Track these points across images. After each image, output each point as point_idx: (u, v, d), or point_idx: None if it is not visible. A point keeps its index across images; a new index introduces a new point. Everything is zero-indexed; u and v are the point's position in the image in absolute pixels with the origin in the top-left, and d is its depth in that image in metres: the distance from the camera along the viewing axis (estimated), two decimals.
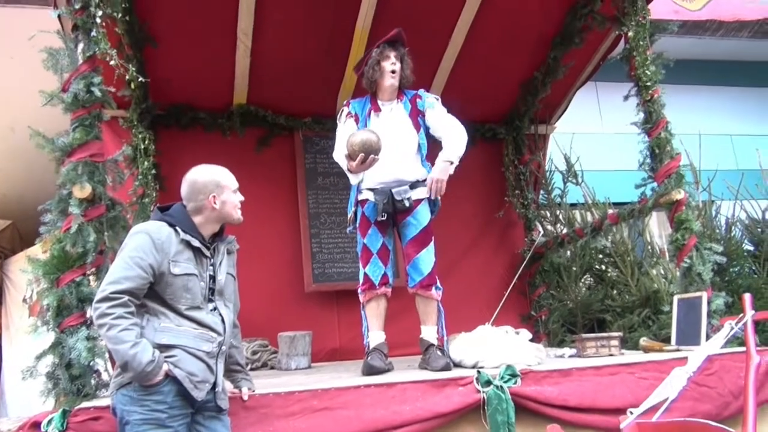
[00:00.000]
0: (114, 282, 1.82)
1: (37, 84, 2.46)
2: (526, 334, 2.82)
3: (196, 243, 2.00)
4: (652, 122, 3.35)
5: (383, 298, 3.00)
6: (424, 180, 3.01)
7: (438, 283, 3.01)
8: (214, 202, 2.07)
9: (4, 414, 5.97)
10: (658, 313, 3.98)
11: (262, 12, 3.64)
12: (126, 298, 1.82)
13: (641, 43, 3.38)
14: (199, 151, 4.12)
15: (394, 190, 2.95)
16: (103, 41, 2.41)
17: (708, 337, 2.89)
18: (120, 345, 1.76)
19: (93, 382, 2.33)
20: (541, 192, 4.93)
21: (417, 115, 3.11)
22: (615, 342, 3.05)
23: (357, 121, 3.12)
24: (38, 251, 2.85)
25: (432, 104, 3.14)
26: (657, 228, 6.11)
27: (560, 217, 4.83)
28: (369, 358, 2.88)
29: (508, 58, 4.36)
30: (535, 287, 4.60)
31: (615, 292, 4.50)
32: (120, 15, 2.63)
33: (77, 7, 2.42)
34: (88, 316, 2.30)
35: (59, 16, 2.56)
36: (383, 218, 2.96)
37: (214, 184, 2.10)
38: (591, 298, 4.44)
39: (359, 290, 3.02)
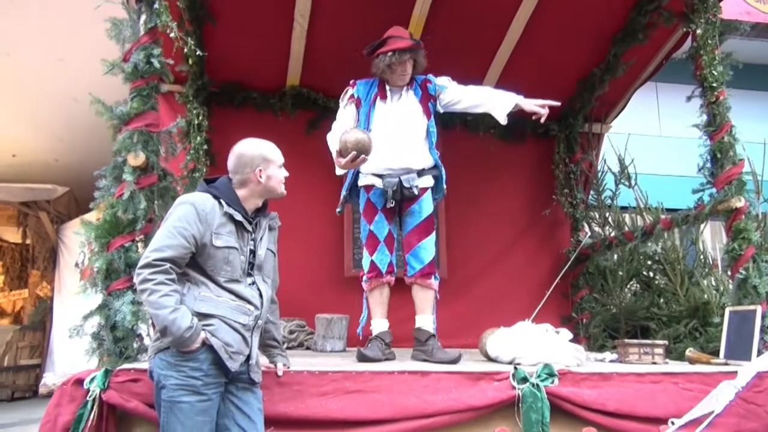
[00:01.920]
0: (157, 249, 1.85)
1: (99, 55, 2.53)
2: (566, 333, 2.75)
3: (238, 216, 2.00)
4: (716, 125, 3.20)
5: (386, 287, 2.99)
6: (431, 167, 3.03)
7: (437, 273, 2.99)
8: (260, 176, 2.07)
9: (51, 369, 6.24)
10: (707, 325, 3.84)
11: None
12: (168, 265, 1.83)
13: (709, 41, 3.24)
14: (251, 130, 4.15)
15: (402, 178, 2.93)
16: (164, 14, 2.46)
17: (760, 353, 2.77)
18: (160, 310, 1.79)
19: (135, 345, 2.39)
20: (591, 192, 4.81)
21: (428, 101, 3.07)
22: (659, 350, 2.95)
23: (358, 105, 3.09)
24: (92, 217, 2.94)
25: (444, 85, 3.09)
26: (710, 238, 5.89)
27: (609, 219, 4.69)
28: (367, 346, 2.86)
29: (566, 53, 4.24)
30: (578, 289, 4.50)
31: (662, 300, 4.35)
32: None
33: None
34: (134, 280, 2.36)
35: None
36: (392, 205, 2.95)
37: (260, 158, 2.10)
38: (636, 304, 4.31)
39: (364, 278, 3.00)
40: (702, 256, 4.57)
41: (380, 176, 2.98)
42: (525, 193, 4.74)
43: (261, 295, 2.04)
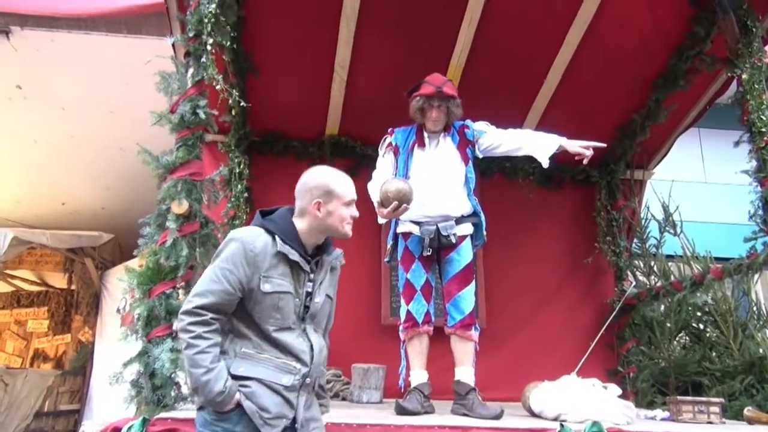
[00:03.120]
0: (200, 294, 1.70)
1: (146, 107, 2.63)
2: (615, 389, 2.63)
3: (294, 257, 1.78)
4: (766, 171, 3.10)
5: (425, 336, 2.92)
6: (470, 215, 2.99)
7: (477, 324, 2.91)
8: (318, 209, 1.84)
9: (89, 416, 6.27)
10: (764, 381, 3.62)
11: (360, 46, 3.75)
12: (209, 316, 1.68)
13: (756, 86, 3.17)
14: (290, 178, 4.18)
15: (440, 225, 2.90)
16: (211, 67, 2.55)
17: None
18: (194, 368, 1.65)
19: (173, 393, 2.38)
20: (635, 240, 4.68)
21: (466, 147, 3.05)
22: (715, 408, 2.78)
23: (396, 153, 3.10)
24: (135, 264, 2.99)
25: (483, 130, 3.08)
26: (762, 289, 5.64)
27: (655, 268, 4.54)
28: (406, 398, 2.79)
29: (606, 100, 4.22)
30: (623, 341, 4.32)
31: (714, 354, 4.14)
32: (228, 44, 2.78)
33: (191, 35, 2.58)
34: (174, 328, 2.37)
35: (173, 44, 2.74)
36: (428, 253, 2.91)
37: (323, 189, 1.86)
38: (686, 358, 4.10)
39: (401, 327, 2.95)
40: (755, 308, 4.36)
41: (418, 223, 2.96)
42: (565, 241, 4.64)
43: (312, 348, 1.80)
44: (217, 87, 2.63)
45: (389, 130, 3.21)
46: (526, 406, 2.86)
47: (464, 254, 2.95)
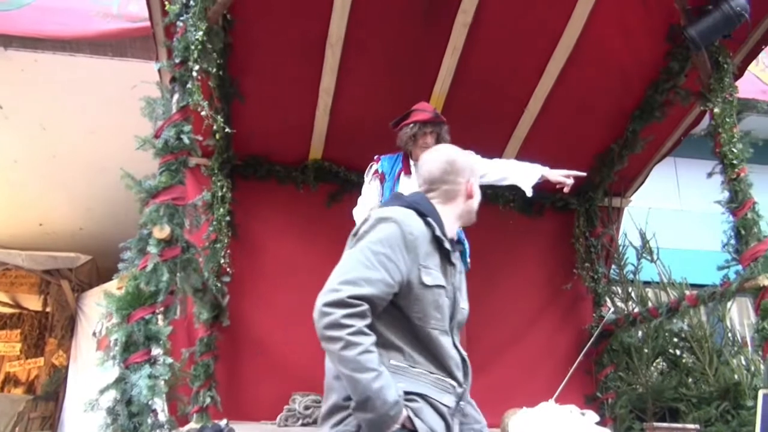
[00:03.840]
0: (351, 282, 1.35)
1: (129, 129, 2.64)
2: (592, 416, 2.65)
3: (447, 245, 1.52)
4: (738, 202, 3.19)
5: None
6: (456, 242, 3.00)
7: None
8: (471, 191, 1.63)
9: None
10: (739, 407, 3.67)
11: (345, 73, 3.80)
12: (365, 307, 1.34)
13: (727, 120, 3.27)
14: (272, 202, 4.30)
15: None
16: (196, 93, 2.56)
17: None
18: (361, 373, 1.28)
19: (150, 421, 2.34)
20: (613, 267, 4.74)
21: None
22: None
23: (383, 180, 3.14)
24: (113, 287, 2.96)
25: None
26: (737, 315, 5.73)
27: (632, 294, 4.61)
28: None
29: (585, 129, 4.31)
30: (602, 367, 4.36)
31: (690, 380, 4.19)
32: (214, 70, 2.81)
33: (177, 61, 2.60)
34: (153, 353, 2.35)
35: (159, 69, 2.76)
36: None
37: (471, 169, 1.66)
38: (663, 384, 4.14)
39: None
40: (730, 334, 4.43)
41: None
42: (545, 267, 4.69)
43: (464, 362, 1.52)
44: (202, 113, 2.64)
45: (375, 157, 3.27)
46: None
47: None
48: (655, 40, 3.73)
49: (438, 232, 1.49)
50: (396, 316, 1.41)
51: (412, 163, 3.14)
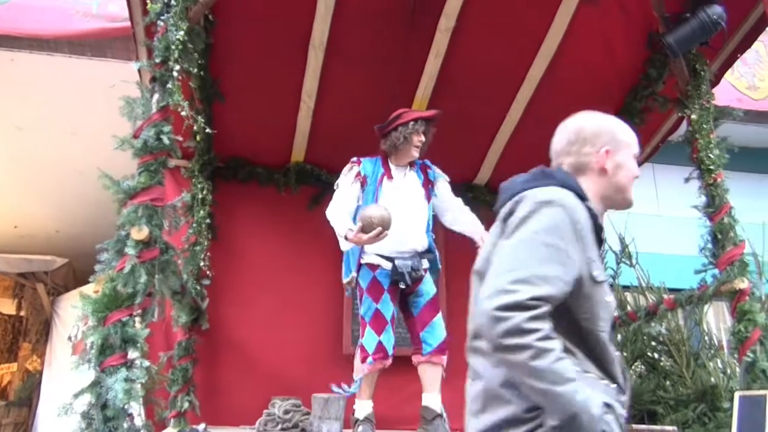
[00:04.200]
0: (526, 281, 1.13)
1: (108, 130, 2.60)
2: None
3: (604, 234, 1.33)
4: (715, 207, 3.24)
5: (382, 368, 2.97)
6: (426, 251, 3.09)
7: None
8: (606, 160, 1.36)
9: None
10: (716, 410, 3.71)
11: (328, 76, 3.79)
12: (547, 308, 1.13)
13: (704, 126, 3.33)
14: (253, 204, 4.26)
15: (412, 261, 2.99)
16: (177, 93, 2.53)
17: None
18: (561, 386, 1.08)
19: (125, 425, 2.29)
20: None
21: (428, 185, 3.17)
22: None
23: (364, 183, 3.13)
24: (90, 290, 2.91)
25: (441, 175, 3.24)
26: (714, 319, 5.81)
27: None
28: (360, 428, 2.85)
29: None
30: None
31: (668, 383, 4.24)
32: (195, 70, 2.78)
33: (158, 60, 2.57)
34: (129, 357, 2.31)
35: (139, 69, 2.73)
36: (404, 287, 2.99)
37: (609, 135, 1.41)
38: (642, 387, 4.18)
39: (370, 358, 2.92)
40: (707, 338, 4.49)
41: (388, 258, 2.99)
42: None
43: (624, 375, 1.32)
44: (182, 113, 2.61)
45: (355, 159, 3.24)
46: None
47: (429, 286, 3.06)
48: (634, 48, 3.79)
49: (599, 219, 1.28)
50: (564, 316, 1.19)
51: (392, 167, 3.15)
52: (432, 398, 2.92)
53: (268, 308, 4.06)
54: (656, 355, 4.46)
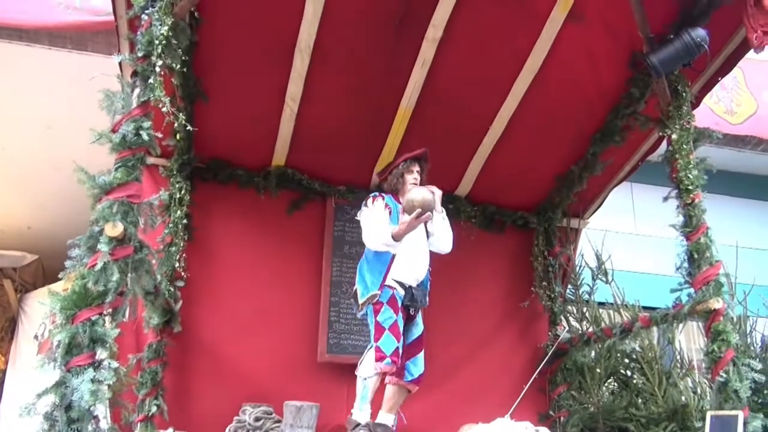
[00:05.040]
0: None
1: (87, 127, 2.53)
2: None
3: None
4: (692, 226, 3.28)
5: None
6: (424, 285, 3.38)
7: None
8: None
9: None
10: (686, 429, 3.74)
11: (313, 81, 3.76)
12: None
13: (684, 146, 3.37)
14: (232, 207, 4.20)
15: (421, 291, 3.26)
16: (158, 89, 2.49)
17: None
18: None
19: (90, 428, 2.22)
20: (569, 286, 4.81)
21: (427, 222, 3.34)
22: None
23: (390, 214, 3.33)
24: (59, 288, 2.84)
25: (440, 209, 3.42)
26: (685, 339, 5.88)
27: (587, 314, 4.67)
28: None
29: (547, 150, 4.39)
30: (555, 385, 4.39)
31: (640, 400, 4.25)
32: (178, 67, 2.72)
33: (140, 54, 2.52)
34: (97, 357, 2.24)
35: (120, 62, 2.67)
36: (412, 312, 3.23)
37: None
38: (614, 404, 4.20)
39: (388, 359, 3.00)
40: (679, 356, 4.53)
41: (402, 285, 3.20)
42: (504, 284, 4.72)
43: None
44: (163, 109, 2.56)
45: (376, 193, 3.44)
46: None
47: (421, 320, 3.31)
48: (617, 67, 3.84)
49: None
50: None
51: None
52: (389, 418, 3.12)
53: (242, 313, 3.99)
54: (629, 373, 4.49)
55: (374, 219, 3.29)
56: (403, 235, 3.11)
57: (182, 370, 3.77)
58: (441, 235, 3.42)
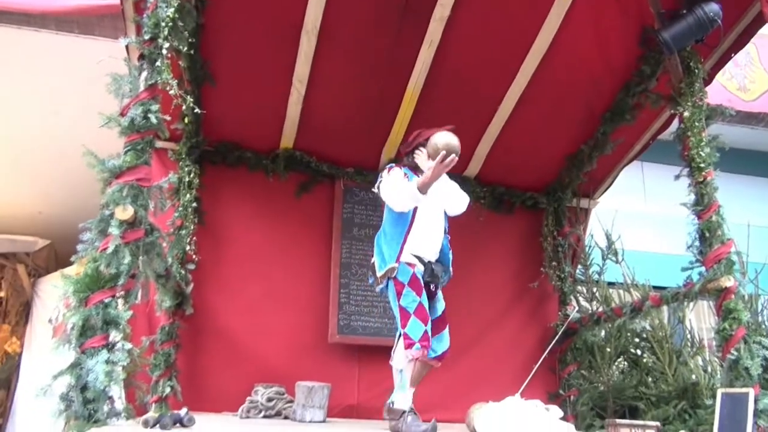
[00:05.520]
0: None
1: (95, 111, 2.53)
2: (556, 411, 2.67)
3: None
4: (704, 205, 3.25)
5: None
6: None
7: None
8: None
9: (12, 431, 5.93)
10: (696, 407, 3.75)
11: (320, 62, 3.74)
12: None
13: (696, 124, 3.33)
14: (241, 190, 4.22)
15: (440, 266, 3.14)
16: (166, 71, 2.48)
17: None
18: None
19: (106, 408, 2.26)
20: (579, 267, 4.80)
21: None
22: None
23: None
24: (72, 272, 2.86)
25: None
26: (695, 319, 5.87)
27: (597, 294, 4.66)
28: (410, 419, 2.84)
29: (556, 130, 4.35)
30: (565, 364, 4.41)
31: (650, 379, 4.26)
32: (185, 49, 2.72)
33: (146, 37, 2.51)
34: (111, 338, 2.27)
35: (127, 46, 2.66)
36: (433, 289, 3.13)
37: None
38: (624, 383, 4.21)
39: (417, 345, 2.89)
40: (689, 335, 4.53)
41: (421, 260, 3.09)
42: (513, 264, 4.72)
43: None
44: (171, 92, 2.56)
45: (392, 164, 3.30)
46: (471, 427, 2.87)
47: (442, 296, 3.22)
48: (628, 43, 3.78)
49: None
50: None
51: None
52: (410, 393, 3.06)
53: (253, 294, 4.02)
54: (639, 352, 4.49)
55: (395, 181, 3.14)
56: (429, 184, 2.87)
57: (195, 351, 3.82)
58: (451, 191, 3.26)
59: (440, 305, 3.20)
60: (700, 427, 3.41)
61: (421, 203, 3.04)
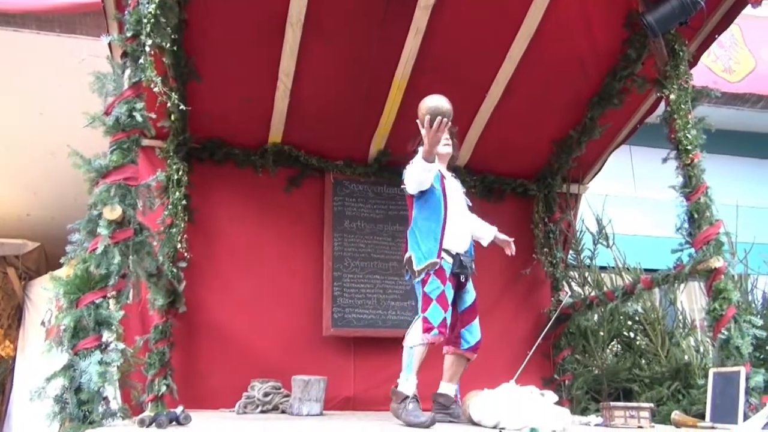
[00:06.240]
0: None
1: (78, 110, 2.50)
2: (551, 396, 2.68)
3: None
4: (692, 187, 3.27)
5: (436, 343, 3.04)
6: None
7: None
8: None
9: None
10: (689, 387, 3.79)
11: (305, 55, 3.71)
12: None
13: (683, 106, 3.34)
14: (230, 186, 4.19)
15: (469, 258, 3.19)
16: (149, 69, 2.45)
17: (746, 416, 2.73)
18: None
19: (100, 409, 2.25)
20: (570, 252, 4.82)
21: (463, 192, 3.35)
22: (645, 414, 2.88)
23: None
24: (63, 273, 2.84)
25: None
26: (687, 301, 5.92)
27: (589, 278, 4.69)
28: (411, 406, 2.80)
29: (544, 115, 4.35)
30: (559, 350, 4.44)
31: (643, 361, 4.31)
32: (168, 46, 2.68)
33: (129, 35, 2.48)
34: (104, 339, 2.26)
35: (109, 43, 2.64)
36: (463, 280, 3.17)
37: None
38: (618, 365, 4.25)
39: (435, 330, 2.88)
40: (681, 317, 4.57)
41: (449, 252, 3.09)
42: (504, 253, 4.72)
43: None
44: (155, 89, 2.54)
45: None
46: (467, 415, 2.88)
47: (472, 287, 3.25)
48: (613, 28, 3.78)
49: None
50: None
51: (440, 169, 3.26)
52: (451, 388, 3.14)
53: (246, 291, 4.02)
54: (632, 334, 4.53)
55: (410, 168, 3.12)
56: (430, 151, 2.84)
57: (189, 349, 3.81)
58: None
59: (470, 296, 3.22)
60: (693, 406, 3.44)
61: (447, 193, 3.13)
